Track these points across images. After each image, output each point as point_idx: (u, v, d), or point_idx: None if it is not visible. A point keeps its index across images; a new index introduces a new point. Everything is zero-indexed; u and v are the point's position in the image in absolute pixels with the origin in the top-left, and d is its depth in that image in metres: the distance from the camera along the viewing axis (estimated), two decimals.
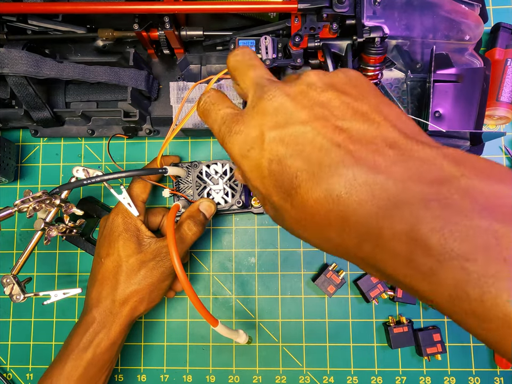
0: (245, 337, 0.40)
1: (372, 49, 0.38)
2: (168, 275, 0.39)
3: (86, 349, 0.36)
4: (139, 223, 0.39)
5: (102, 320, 0.37)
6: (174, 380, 0.46)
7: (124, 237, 0.38)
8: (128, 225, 0.38)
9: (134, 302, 0.38)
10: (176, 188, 0.44)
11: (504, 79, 0.44)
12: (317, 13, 0.39)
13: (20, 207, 0.37)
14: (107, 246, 0.38)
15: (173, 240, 0.33)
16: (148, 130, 0.46)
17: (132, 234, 0.38)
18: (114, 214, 0.39)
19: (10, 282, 0.38)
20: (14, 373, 0.47)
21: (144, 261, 0.37)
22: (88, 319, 0.37)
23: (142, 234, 0.38)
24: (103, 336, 0.37)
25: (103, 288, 0.38)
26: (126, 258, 0.37)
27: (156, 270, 0.38)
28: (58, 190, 0.38)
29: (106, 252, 0.38)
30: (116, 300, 0.37)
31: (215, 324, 0.36)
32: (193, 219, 0.39)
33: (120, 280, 0.37)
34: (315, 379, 0.45)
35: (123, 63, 0.45)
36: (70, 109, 0.46)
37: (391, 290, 0.44)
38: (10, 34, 0.42)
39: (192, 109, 0.32)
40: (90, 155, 0.49)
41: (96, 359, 0.36)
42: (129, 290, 0.37)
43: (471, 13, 0.41)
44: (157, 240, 0.39)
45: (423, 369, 0.44)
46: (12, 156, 0.46)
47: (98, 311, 0.37)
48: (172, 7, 0.37)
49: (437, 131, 0.40)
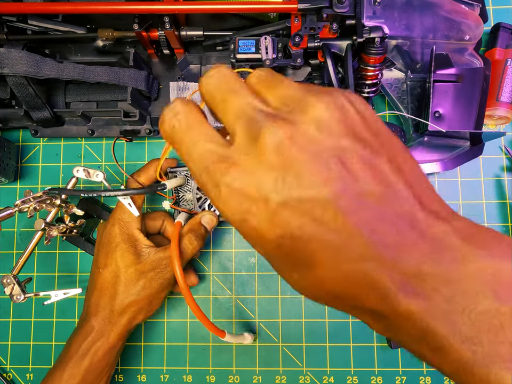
0: (250, 338, 0.42)
1: (372, 49, 0.38)
2: (167, 285, 0.39)
3: (84, 357, 0.36)
4: (136, 232, 0.38)
5: (100, 329, 0.37)
6: (174, 380, 0.46)
7: (121, 247, 0.37)
8: (125, 235, 0.37)
9: (132, 312, 0.37)
10: (176, 197, 0.43)
11: (504, 79, 0.44)
12: (317, 13, 0.39)
13: (20, 207, 0.37)
14: (105, 257, 0.38)
15: (178, 263, 0.34)
16: (148, 130, 0.46)
17: (129, 245, 0.37)
18: (111, 225, 0.38)
19: (11, 282, 0.38)
20: (14, 373, 0.47)
21: (143, 271, 0.37)
22: (87, 328, 0.37)
23: (140, 244, 0.38)
24: (101, 345, 0.36)
25: (101, 298, 0.37)
26: (125, 269, 0.37)
27: (155, 281, 0.37)
28: (56, 192, 0.38)
29: (104, 263, 0.38)
30: (114, 310, 0.37)
31: (222, 335, 0.37)
32: (194, 233, 0.38)
33: (118, 290, 0.37)
34: (315, 379, 0.45)
35: (123, 63, 0.45)
36: (70, 109, 0.46)
37: None
38: (10, 34, 0.42)
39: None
40: (90, 155, 0.49)
41: (93, 367, 0.36)
42: (128, 300, 0.37)
43: (471, 13, 0.41)
44: (156, 250, 0.38)
45: (423, 369, 0.44)
46: (12, 155, 0.46)
47: (96, 320, 0.37)
48: (172, 7, 0.37)
49: (437, 131, 0.40)
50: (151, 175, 0.40)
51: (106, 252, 0.38)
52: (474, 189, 0.46)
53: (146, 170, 0.40)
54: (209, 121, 0.20)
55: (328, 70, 0.39)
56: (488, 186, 0.46)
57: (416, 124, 0.43)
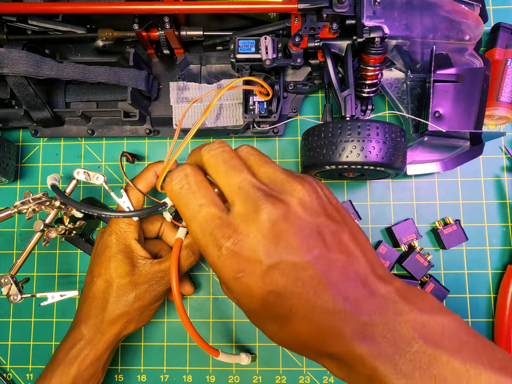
0: (247, 359, 0.42)
1: (372, 49, 0.38)
2: (159, 298, 0.38)
3: (72, 364, 0.36)
4: (133, 242, 0.38)
5: (89, 338, 0.36)
6: (174, 379, 0.46)
7: (116, 258, 0.37)
8: (121, 245, 0.37)
9: (123, 323, 0.37)
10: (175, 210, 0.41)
11: (504, 79, 0.44)
12: (317, 13, 0.39)
13: (19, 208, 0.37)
14: (99, 266, 0.38)
15: (176, 282, 0.34)
16: (148, 130, 0.46)
17: (125, 255, 0.37)
18: (107, 234, 0.38)
19: (8, 282, 0.38)
20: (14, 373, 0.47)
21: (137, 283, 0.37)
22: (76, 335, 0.37)
23: (136, 255, 0.38)
24: (89, 352, 0.36)
25: (93, 307, 0.37)
26: (118, 280, 0.37)
27: (148, 294, 0.37)
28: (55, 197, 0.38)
29: (99, 272, 0.37)
30: (104, 320, 0.37)
31: (216, 354, 0.37)
32: (191, 248, 0.38)
33: (110, 301, 0.37)
34: (315, 379, 0.45)
35: (123, 63, 0.45)
36: (70, 109, 0.46)
37: None
38: (10, 34, 0.42)
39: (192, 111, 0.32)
40: (90, 155, 0.49)
41: (81, 374, 0.36)
42: (119, 311, 0.37)
43: (471, 13, 0.41)
44: (152, 263, 0.37)
45: None
46: (12, 156, 0.46)
47: (86, 328, 0.37)
48: (172, 7, 0.37)
49: (437, 131, 0.40)
50: (149, 181, 0.39)
51: (101, 261, 0.37)
52: (474, 189, 0.46)
53: (145, 177, 0.39)
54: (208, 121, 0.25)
55: (328, 70, 0.39)
56: (488, 186, 0.46)
57: (416, 123, 0.43)
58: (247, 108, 0.43)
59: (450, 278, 0.45)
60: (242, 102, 0.43)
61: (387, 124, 0.35)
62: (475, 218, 0.46)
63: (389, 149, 0.35)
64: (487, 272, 0.45)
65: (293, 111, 0.46)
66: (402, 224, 0.45)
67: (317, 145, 0.37)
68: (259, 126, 0.44)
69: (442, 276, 0.45)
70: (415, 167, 0.44)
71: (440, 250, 0.45)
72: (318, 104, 0.48)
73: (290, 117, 0.46)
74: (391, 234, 0.45)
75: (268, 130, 0.45)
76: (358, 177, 0.42)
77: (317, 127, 0.37)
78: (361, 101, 0.43)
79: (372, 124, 0.35)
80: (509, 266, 0.44)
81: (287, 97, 0.46)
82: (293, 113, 0.46)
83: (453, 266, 0.45)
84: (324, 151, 0.36)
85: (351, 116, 0.38)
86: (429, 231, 0.46)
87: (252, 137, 0.48)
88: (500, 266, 0.45)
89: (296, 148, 0.48)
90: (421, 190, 0.46)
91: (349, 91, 0.38)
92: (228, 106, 0.44)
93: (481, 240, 0.45)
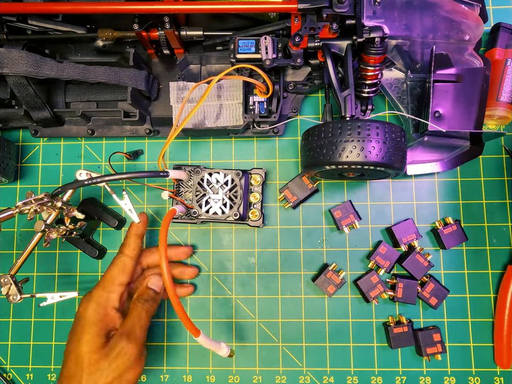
0: (226, 350, 0.39)
1: (372, 49, 0.38)
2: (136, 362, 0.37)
3: None
4: (112, 312, 0.38)
5: None
6: (174, 379, 0.46)
7: (91, 330, 0.36)
8: (99, 315, 0.37)
9: None
10: (176, 191, 0.44)
11: (504, 79, 0.44)
12: (317, 13, 0.39)
13: (21, 208, 0.37)
14: (74, 337, 0.37)
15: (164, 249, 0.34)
16: (148, 130, 0.46)
17: (101, 327, 0.37)
18: (87, 301, 0.38)
19: (8, 282, 0.38)
20: (14, 373, 0.47)
21: (107, 354, 0.36)
22: None
23: (113, 326, 0.38)
24: None
25: None
26: (89, 355, 0.36)
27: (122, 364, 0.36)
28: (60, 190, 0.38)
29: (72, 347, 0.37)
30: None
31: (196, 334, 0.35)
32: (142, 298, 0.39)
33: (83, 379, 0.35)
34: (315, 379, 0.45)
35: (123, 63, 0.45)
36: (70, 109, 0.46)
37: (391, 290, 0.44)
38: (10, 34, 0.42)
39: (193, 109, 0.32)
40: (90, 155, 0.49)
41: None
42: None
43: (471, 13, 0.41)
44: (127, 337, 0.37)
45: (423, 369, 0.44)
46: (12, 156, 0.46)
47: None
48: (172, 7, 0.37)
49: (437, 131, 0.40)
50: (134, 248, 0.41)
51: (76, 331, 0.37)
52: (474, 189, 0.46)
53: (129, 244, 0.41)
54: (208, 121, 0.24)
55: (328, 70, 0.39)
56: (488, 186, 0.46)
57: (416, 123, 0.43)
58: (247, 108, 0.43)
59: (450, 278, 0.45)
60: (242, 102, 0.43)
61: (387, 123, 0.35)
62: (475, 218, 0.46)
63: (389, 149, 0.35)
64: (487, 272, 0.45)
65: (293, 111, 0.46)
66: (402, 224, 0.45)
67: (317, 145, 0.37)
68: (259, 126, 0.44)
69: (442, 276, 0.45)
70: (415, 167, 0.44)
71: (440, 250, 0.45)
72: (318, 104, 0.48)
73: (290, 117, 0.46)
74: (391, 234, 0.45)
75: (268, 130, 0.45)
76: (358, 177, 0.42)
77: (317, 127, 0.37)
78: (361, 101, 0.43)
79: (371, 124, 0.35)
80: (509, 266, 0.44)
81: (287, 97, 0.46)
82: (293, 113, 0.46)
83: (453, 266, 0.45)
84: (324, 151, 0.36)
85: (351, 116, 0.38)
86: (429, 231, 0.46)
87: (252, 137, 0.48)
88: (499, 266, 0.45)
89: (296, 148, 0.48)
90: (421, 190, 0.46)
91: (349, 91, 0.38)
92: (228, 106, 0.45)
93: (481, 240, 0.45)
